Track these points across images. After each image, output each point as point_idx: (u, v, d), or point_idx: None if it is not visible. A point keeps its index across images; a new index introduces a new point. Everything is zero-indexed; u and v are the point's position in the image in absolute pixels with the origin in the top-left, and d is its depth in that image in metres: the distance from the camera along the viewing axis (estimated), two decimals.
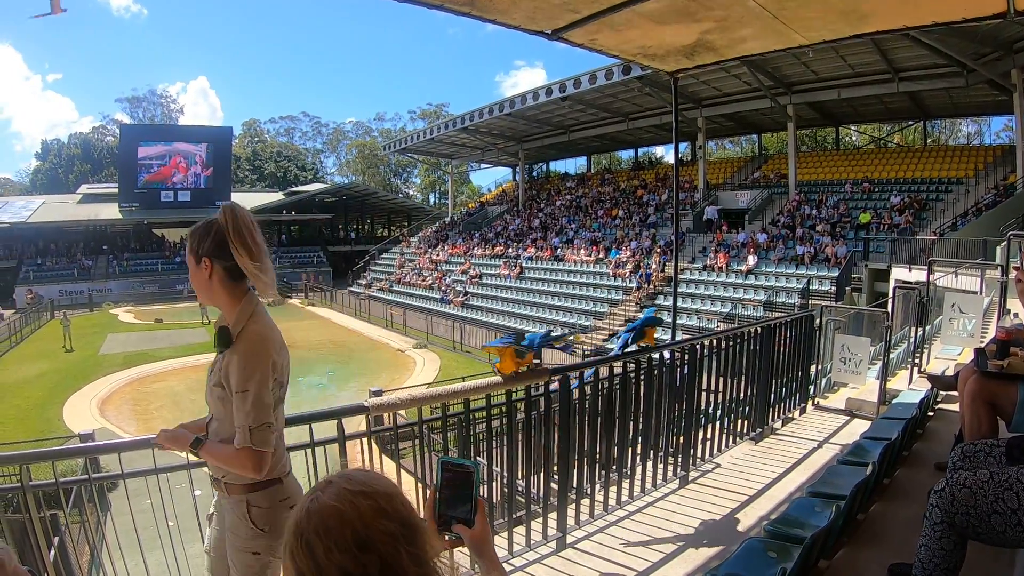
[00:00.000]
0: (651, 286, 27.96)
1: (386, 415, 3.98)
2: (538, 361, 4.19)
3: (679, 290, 26.05)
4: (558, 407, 4.63)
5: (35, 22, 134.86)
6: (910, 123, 38.32)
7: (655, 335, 5.12)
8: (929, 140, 37.52)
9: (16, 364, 28.21)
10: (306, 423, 3.40)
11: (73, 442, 14.04)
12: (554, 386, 4.58)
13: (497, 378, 4.16)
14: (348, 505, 1.12)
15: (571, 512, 4.63)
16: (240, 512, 2.47)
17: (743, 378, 6.25)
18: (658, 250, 30.09)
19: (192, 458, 3.05)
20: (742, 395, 6.27)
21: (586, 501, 4.78)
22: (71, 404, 20.98)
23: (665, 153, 55.23)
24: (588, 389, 4.81)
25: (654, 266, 29.04)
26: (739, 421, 6.34)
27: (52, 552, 3.88)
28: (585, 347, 25.42)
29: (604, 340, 25.70)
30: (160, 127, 74.22)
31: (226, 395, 2.38)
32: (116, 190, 58.04)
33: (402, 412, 4.08)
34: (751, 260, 25.94)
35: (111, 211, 56.24)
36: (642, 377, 5.14)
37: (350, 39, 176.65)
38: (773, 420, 6.78)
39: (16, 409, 20.83)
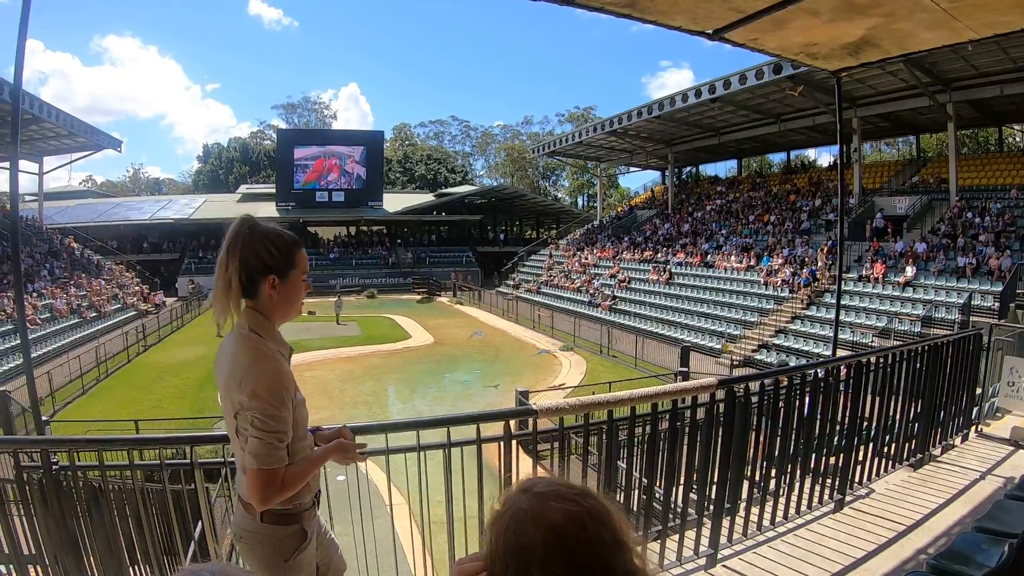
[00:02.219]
0: (817, 284, 27.79)
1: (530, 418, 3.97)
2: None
3: (835, 302, 26.25)
4: (715, 419, 4.62)
5: (191, 35, 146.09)
6: None
7: None
8: None
9: (177, 347, 31.47)
10: (475, 423, 3.69)
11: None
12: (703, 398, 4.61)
13: (665, 387, 4.46)
14: (578, 504, 1.16)
15: (724, 529, 4.60)
16: None
17: (904, 400, 6.04)
18: (825, 248, 29.77)
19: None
20: (899, 418, 6.07)
21: (738, 519, 4.76)
22: None
23: (817, 156, 54.15)
24: (753, 401, 4.86)
25: (820, 264, 28.75)
26: (897, 445, 6.17)
27: (200, 524, 4.29)
28: (734, 357, 25.84)
29: (753, 351, 26.15)
30: (315, 131, 79.34)
31: None
32: (273, 190, 63.40)
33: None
34: (909, 271, 25.09)
35: (268, 210, 60.87)
36: (807, 391, 5.12)
37: (495, 43, 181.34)
38: (932, 446, 6.50)
39: (174, 388, 23.16)
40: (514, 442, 3.91)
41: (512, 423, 3.94)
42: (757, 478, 5.01)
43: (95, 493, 3.63)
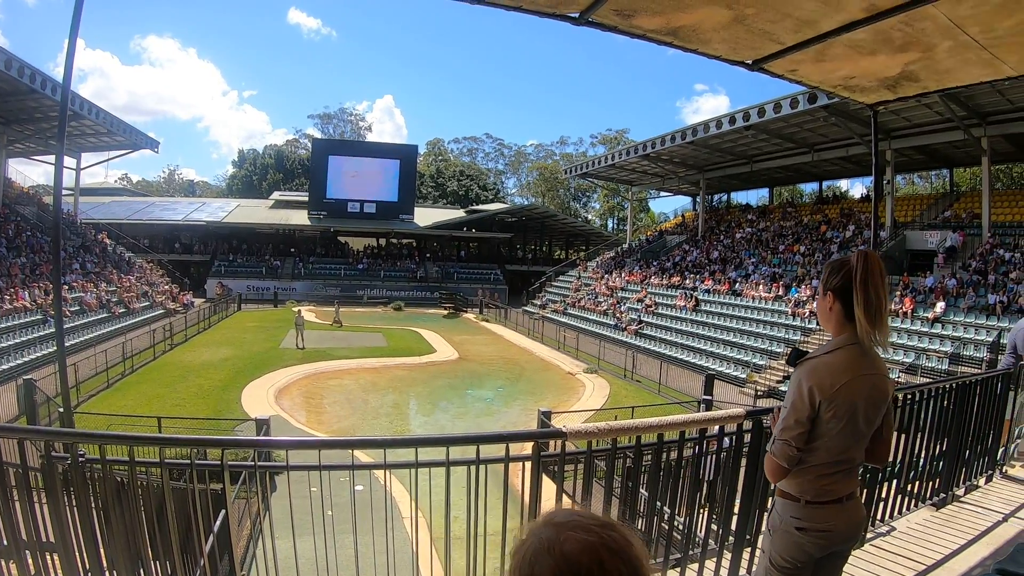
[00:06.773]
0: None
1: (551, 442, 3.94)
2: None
3: None
4: (741, 450, 4.54)
5: (231, 40, 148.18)
6: None
7: None
8: None
9: (202, 348, 31.71)
10: (504, 442, 3.72)
11: (249, 425, 16.49)
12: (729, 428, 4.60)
13: (694, 415, 4.34)
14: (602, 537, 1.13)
15: (744, 560, 4.49)
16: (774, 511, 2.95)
17: (929, 438, 5.89)
18: None
19: (364, 459, 3.65)
20: (923, 456, 5.89)
21: (758, 551, 4.42)
22: (249, 390, 22.94)
23: (850, 187, 53.71)
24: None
25: None
26: (920, 483, 6.03)
27: (219, 519, 4.59)
28: (758, 388, 25.57)
29: (778, 382, 25.69)
30: (349, 143, 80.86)
31: None
32: (306, 198, 64.14)
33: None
34: (939, 307, 24.71)
35: (300, 217, 62.20)
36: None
37: (532, 62, 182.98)
38: (956, 486, 6.35)
39: (198, 388, 23.28)
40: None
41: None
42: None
43: (118, 487, 3.69)
